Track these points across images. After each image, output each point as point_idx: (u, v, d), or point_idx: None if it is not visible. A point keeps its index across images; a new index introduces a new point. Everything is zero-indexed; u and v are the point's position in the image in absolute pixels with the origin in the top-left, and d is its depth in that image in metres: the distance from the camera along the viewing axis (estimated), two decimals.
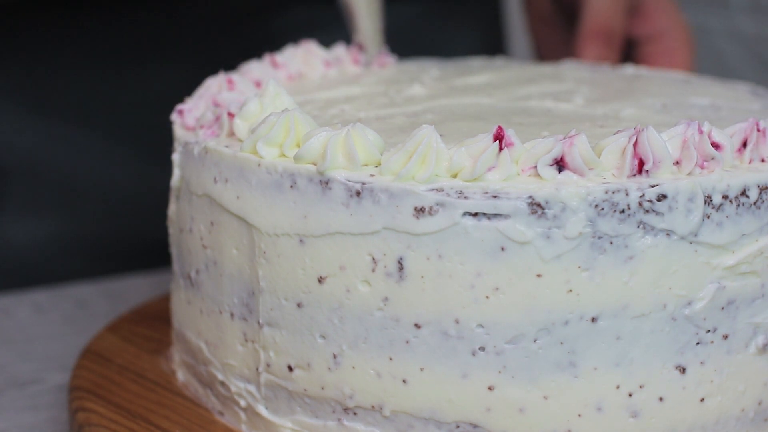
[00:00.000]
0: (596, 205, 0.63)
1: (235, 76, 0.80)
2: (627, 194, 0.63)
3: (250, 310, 0.70)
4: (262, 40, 1.04)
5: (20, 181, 1.05)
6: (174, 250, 0.78)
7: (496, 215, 0.63)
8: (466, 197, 0.63)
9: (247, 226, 0.69)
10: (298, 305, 0.68)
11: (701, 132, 0.66)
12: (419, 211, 0.64)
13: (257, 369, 0.70)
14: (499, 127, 0.64)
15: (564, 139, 0.64)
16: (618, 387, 0.65)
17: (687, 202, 0.64)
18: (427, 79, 0.86)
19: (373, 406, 0.67)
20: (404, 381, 0.66)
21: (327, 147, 0.65)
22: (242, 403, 0.72)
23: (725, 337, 0.66)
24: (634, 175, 0.64)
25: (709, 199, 0.65)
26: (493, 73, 0.89)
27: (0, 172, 1.05)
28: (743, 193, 0.65)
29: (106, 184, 1.07)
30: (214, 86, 0.79)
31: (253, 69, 0.83)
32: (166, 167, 0.81)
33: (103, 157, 1.07)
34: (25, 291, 1.02)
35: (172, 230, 0.78)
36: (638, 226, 0.64)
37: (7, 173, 1.05)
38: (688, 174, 0.65)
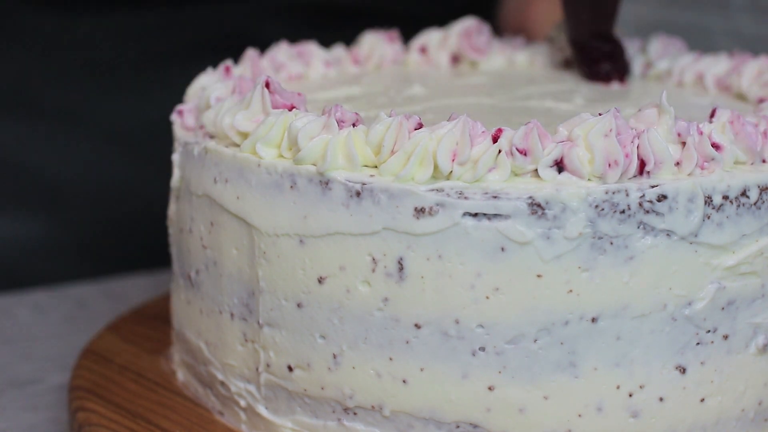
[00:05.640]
0: (596, 206, 0.63)
1: None
2: (627, 195, 0.63)
3: (250, 310, 0.70)
4: None
5: (5, 180, 1.06)
6: (174, 250, 0.78)
7: (496, 215, 0.63)
8: (466, 197, 0.63)
9: (247, 227, 0.69)
10: (298, 305, 0.68)
11: (701, 132, 0.66)
12: (419, 211, 0.64)
13: (257, 369, 0.70)
14: (499, 128, 0.64)
15: (564, 139, 0.64)
16: (618, 387, 0.65)
17: (687, 202, 0.64)
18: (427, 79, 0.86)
19: (373, 406, 0.67)
20: (404, 381, 0.66)
21: (327, 148, 0.65)
22: (242, 403, 0.72)
23: (725, 337, 0.66)
24: (635, 176, 0.64)
25: (709, 200, 0.65)
26: (493, 73, 0.89)
27: None
28: (743, 194, 0.65)
29: (95, 185, 1.07)
30: None
31: None
32: (161, 168, 0.81)
33: (93, 157, 1.07)
34: (25, 291, 1.02)
35: (172, 230, 0.78)
36: (638, 227, 0.64)
37: None
38: (689, 174, 0.65)
